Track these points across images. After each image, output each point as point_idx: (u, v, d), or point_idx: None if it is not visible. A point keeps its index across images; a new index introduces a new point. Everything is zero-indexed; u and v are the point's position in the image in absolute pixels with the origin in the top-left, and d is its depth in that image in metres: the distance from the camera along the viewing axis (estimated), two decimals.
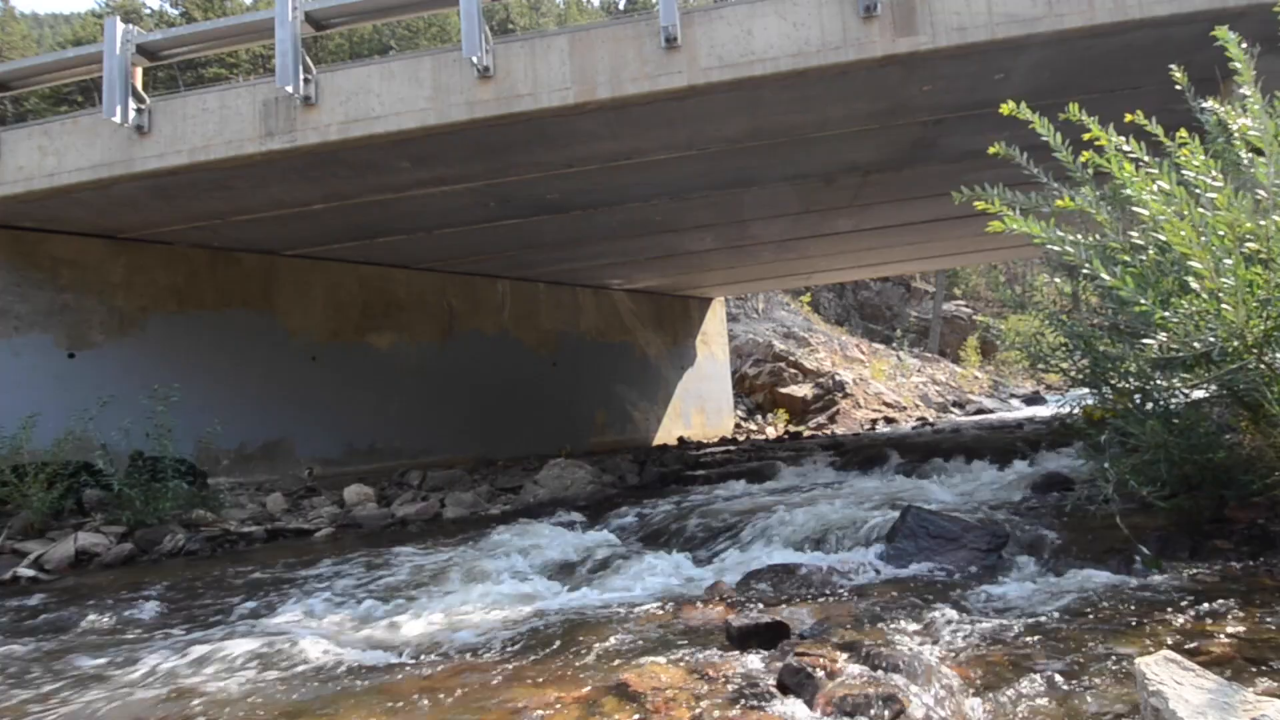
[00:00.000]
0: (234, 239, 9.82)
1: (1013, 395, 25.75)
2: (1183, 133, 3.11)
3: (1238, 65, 3.19)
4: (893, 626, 3.00)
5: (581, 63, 6.65)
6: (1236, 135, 3.22)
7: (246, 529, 7.45)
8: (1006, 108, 3.49)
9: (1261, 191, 3.07)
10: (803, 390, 20.29)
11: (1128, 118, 3.33)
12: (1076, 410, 4.41)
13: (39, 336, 8.58)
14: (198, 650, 3.51)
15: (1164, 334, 3.04)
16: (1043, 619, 2.96)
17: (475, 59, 6.55)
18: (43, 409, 7.60)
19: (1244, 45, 3.27)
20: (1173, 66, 3.61)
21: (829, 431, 17.37)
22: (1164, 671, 1.79)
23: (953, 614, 3.09)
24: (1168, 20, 6.03)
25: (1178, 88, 3.61)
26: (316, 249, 10.74)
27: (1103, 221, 3.34)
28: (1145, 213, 3.07)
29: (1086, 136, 3.32)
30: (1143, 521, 3.91)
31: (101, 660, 3.53)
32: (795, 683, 2.42)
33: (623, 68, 6.60)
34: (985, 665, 2.53)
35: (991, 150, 3.83)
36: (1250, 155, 3.24)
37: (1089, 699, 2.21)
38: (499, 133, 7.11)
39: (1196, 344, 2.99)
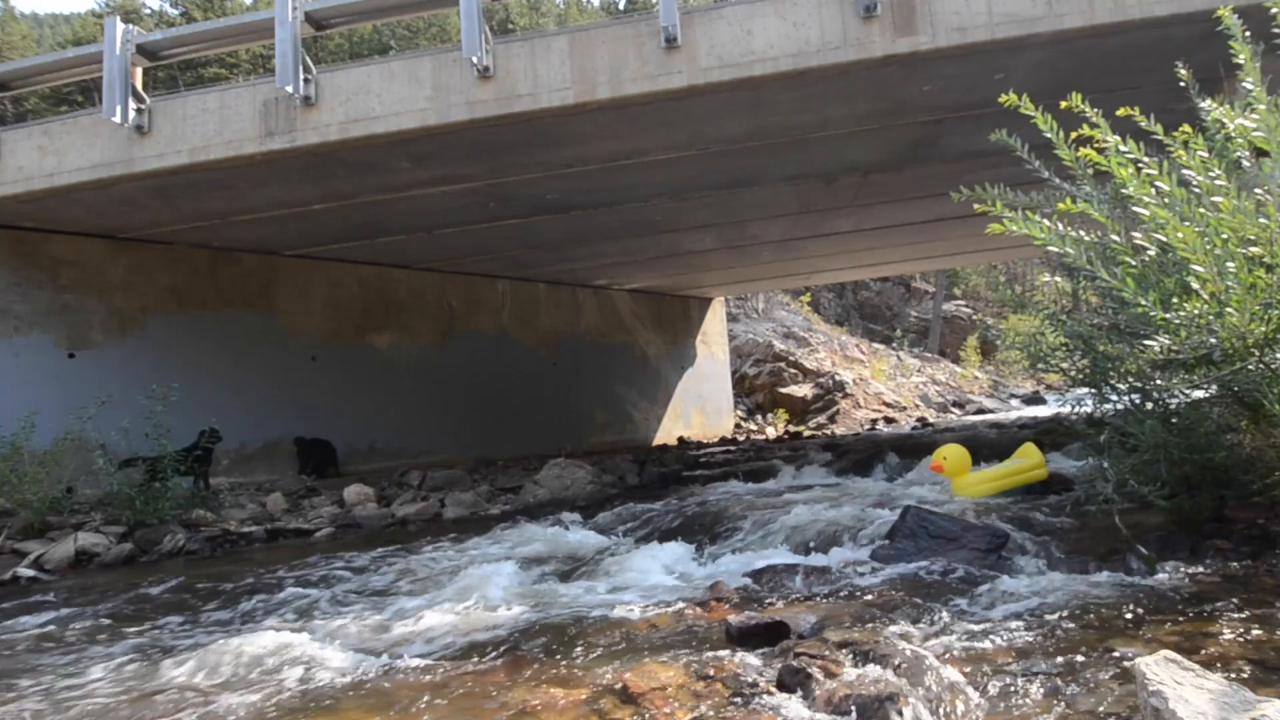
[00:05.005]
0: (234, 239, 9.82)
1: (1013, 395, 25.76)
2: (1186, 128, 3.11)
3: (1241, 60, 3.19)
4: (892, 626, 2.99)
5: (581, 63, 6.65)
6: (1236, 134, 3.21)
7: (246, 529, 7.45)
8: (1008, 99, 3.49)
9: (1260, 191, 3.06)
10: (803, 390, 20.29)
11: (1121, 111, 3.32)
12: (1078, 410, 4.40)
13: (39, 336, 8.58)
14: (197, 651, 3.50)
15: (1165, 335, 3.04)
16: (1042, 619, 2.95)
17: (475, 59, 6.55)
18: (43, 409, 7.58)
19: (1247, 34, 3.27)
20: (1178, 64, 3.61)
21: (829, 431, 17.36)
22: (1164, 671, 1.79)
23: (952, 614, 3.09)
24: (1168, 20, 6.03)
25: (1181, 85, 3.61)
26: (316, 249, 10.74)
27: (1104, 222, 3.34)
28: (1145, 214, 3.07)
29: (1074, 135, 3.31)
30: (1143, 521, 3.91)
31: (100, 661, 3.53)
32: (795, 682, 2.42)
33: (623, 68, 6.60)
34: (985, 665, 2.53)
35: (993, 136, 3.83)
36: (1249, 155, 3.23)
37: (1089, 699, 2.21)
38: (499, 133, 7.11)
39: (1198, 345, 2.99)
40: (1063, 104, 3.26)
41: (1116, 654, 2.49)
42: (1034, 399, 23.61)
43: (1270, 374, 3.04)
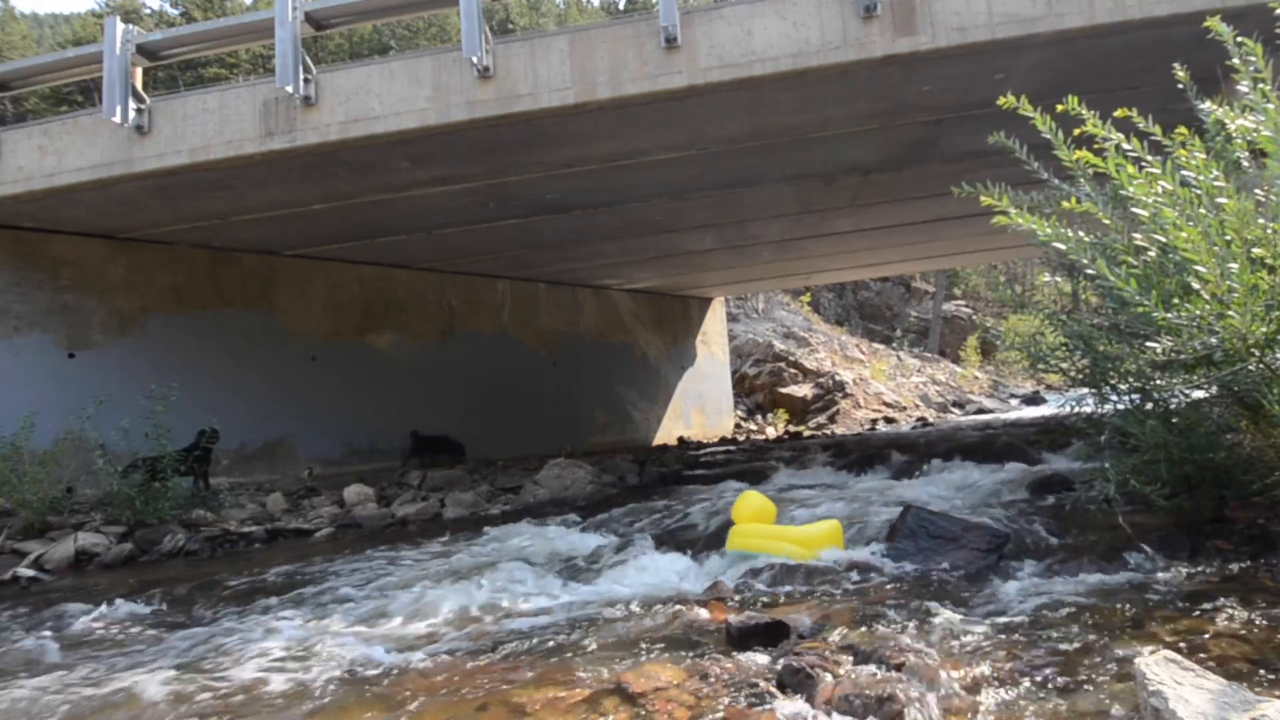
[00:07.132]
0: (234, 239, 9.82)
1: (1013, 395, 25.76)
2: (1183, 130, 3.10)
3: (1237, 62, 3.18)
4: (893, 626, 2.99)
5: (581, 63, 6.65)
6: (1235, 135, 3.21)
7: (246, 529, 7.45)
8: (1005, 101, 3.48)
9: (1260, 193, 3.06)
10: (803, 390, 20.29)
11: (1120, 112, 3.32)
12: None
13: (39, 336, 8.58)
14: (196, 651, 3.51)
15: (1167, 336, 3.04)
16: (1043, 619, 2.95)
17: (475, 59, 6.54)
18: (43, 409, 7.57)
19: (1239, 41, 3.26)
20: (1175, 65, 3.61)
21: (829, 431, 17.36)
22: (1164, 671, 1.79)
23: (953, 614, 3.09)
24: (1168, 20, 6.03)
25: (1180, 86, 3.60)
26: (316, 249, 10.74)
27: (1107, 222, 3.34)
28: (1145, 214, 3.06)
29: (1078, 132, 3.31)
30: (1143, 521, 3.91)
31: (100, 662, 3.53)
32: (795, 682, 2.42)
33: (623, 68, 6.60)
34: (985, 665, 2.53)
35: (991, 138, 3.82)
36: (1249, 156, 3.23)
37: (1089, 699, 2.21)
38: (499, 133, 7.11)
39: (1199, 346, 2.99)
40: (1059, 107, 3.25)
41: (1116, 654, 2.49)
42: (1034, 399, 23.61)
43: (1271, 374, 3.04)
